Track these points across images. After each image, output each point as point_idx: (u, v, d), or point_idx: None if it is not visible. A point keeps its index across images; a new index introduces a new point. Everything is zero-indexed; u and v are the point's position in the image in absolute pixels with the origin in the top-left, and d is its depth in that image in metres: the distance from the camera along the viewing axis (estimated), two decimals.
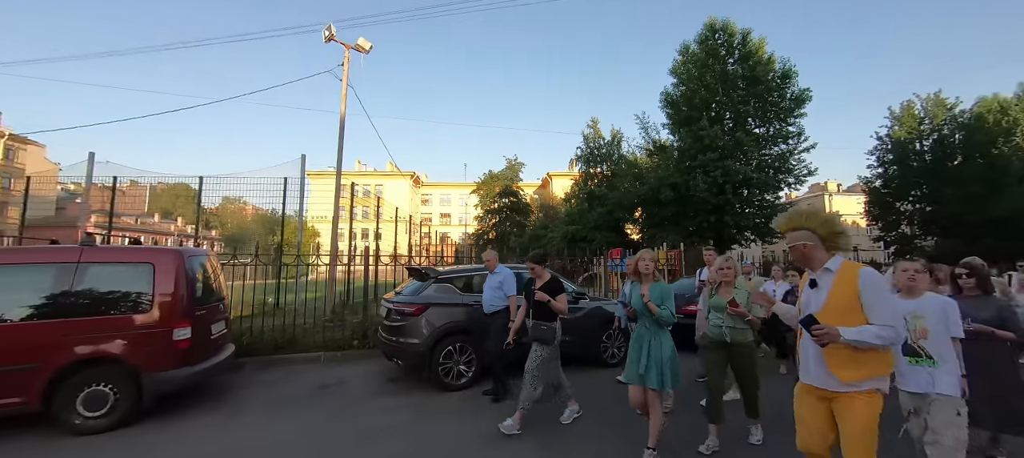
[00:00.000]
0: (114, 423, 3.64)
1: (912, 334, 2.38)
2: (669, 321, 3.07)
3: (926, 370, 2.31)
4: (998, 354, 2.74)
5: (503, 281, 4.59)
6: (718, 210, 18.25)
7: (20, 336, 3.53)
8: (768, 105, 19.26)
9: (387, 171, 47.73)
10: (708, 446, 3.15)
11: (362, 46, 10.63)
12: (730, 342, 3.31)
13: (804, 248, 2.10)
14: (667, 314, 3.04)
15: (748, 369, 3.34)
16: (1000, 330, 2.68)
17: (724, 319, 3.34)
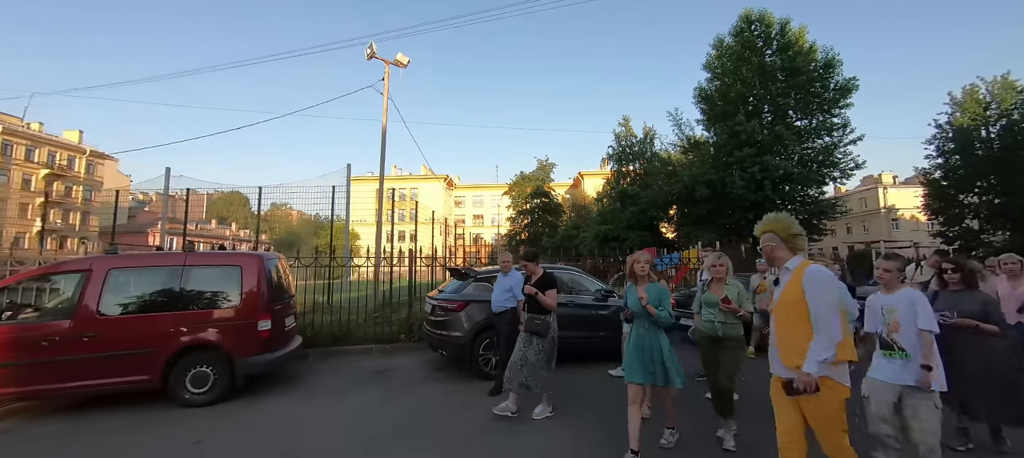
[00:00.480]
0: (214, 399, 4.37)
1: (886, 328, 2.51)
2: (667, 322, 3.14)
3: (899, 362, 2.44)
4: (993, 347, 2.80)
5: (514, 285, 4.76)
6: (756, 207, 17.67)
7: (144, 326, 4.33)
8: (810, 96, 18.42)
9: (421, 174, 49.38)
10: (725, 437, 3.31)
11: (400, 61, 11.39)
12: (721, 336, 3.44)
13: (770, 249, 2.30)
14: (665, 315, 3.11)
15: (733, 363, 3.43)
16: (984, 323, 2.76)
17: (716, 314, 3.46)
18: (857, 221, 39.15)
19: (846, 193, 39.34)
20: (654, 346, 3.13)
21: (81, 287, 4.19)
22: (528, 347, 3.99)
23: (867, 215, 38.80)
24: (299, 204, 21.86)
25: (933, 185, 21.22)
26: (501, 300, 4.80)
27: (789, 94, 18.44)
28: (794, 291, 2.15)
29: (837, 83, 18.03)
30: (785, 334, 2.19)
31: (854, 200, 38.97)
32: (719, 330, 3.45)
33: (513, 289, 4.74)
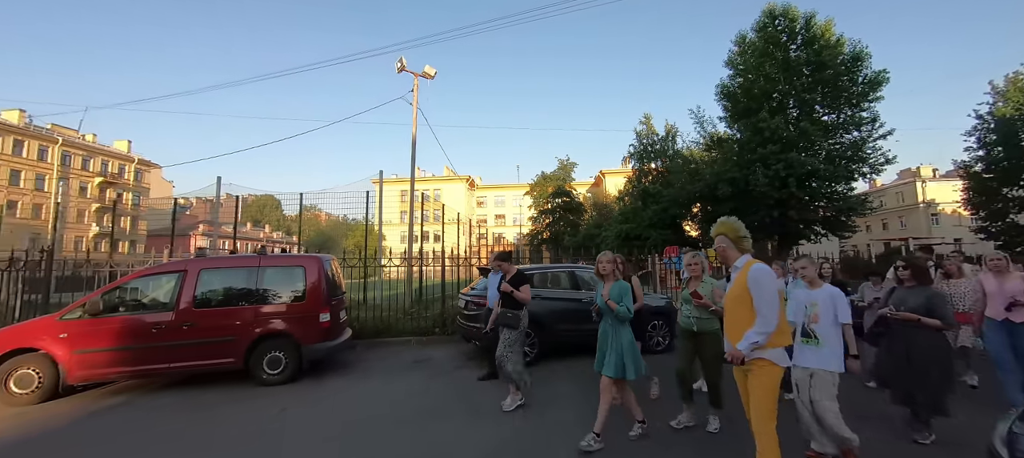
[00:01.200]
0: (285, 379, 5.16)
1: (808, 319, 2.87)
2: (626, 316, 3.32)
3: (813, 349, 2.83)
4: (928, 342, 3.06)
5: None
6: (780, 205, 17.56)
7: (229, 317, 5.17)
8: (838, 91, 18.09)
9: (444, 175, 50.53)
10: (679, 421, 3.62)
11: (428, 73, 12.15)
12: (697, 331, 3.64)
13: (722, 249, 2.62)
14: (623, 310, 3.30)
15: (713, 358, 3.54)
16: (926, 317, 3.02)
17: (692, 310, 3.67)
18: (893, 216, 37.55)
19: (881, 187, 37.75)
20: (613, 338, 3.34)
21: (180, 284, 5.05)
22: (504, 343, 4.36)
23: (904, 210, 37.15)
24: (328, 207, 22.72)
25: (974, 178, 20.43)
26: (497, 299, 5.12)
27: (815, 89, 18.19)
28: (740, 285, 2.48)
29: (866, 77, 17.68)
30: (733, 320, 2.53)
31: (890, 195, 37.40)
32: (694, 325, 3.66)
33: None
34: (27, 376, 4.53)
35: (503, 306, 4.47)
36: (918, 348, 3.13)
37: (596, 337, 3.50)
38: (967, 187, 21.23)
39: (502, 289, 4.46)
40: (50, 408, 4.49)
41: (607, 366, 3.32)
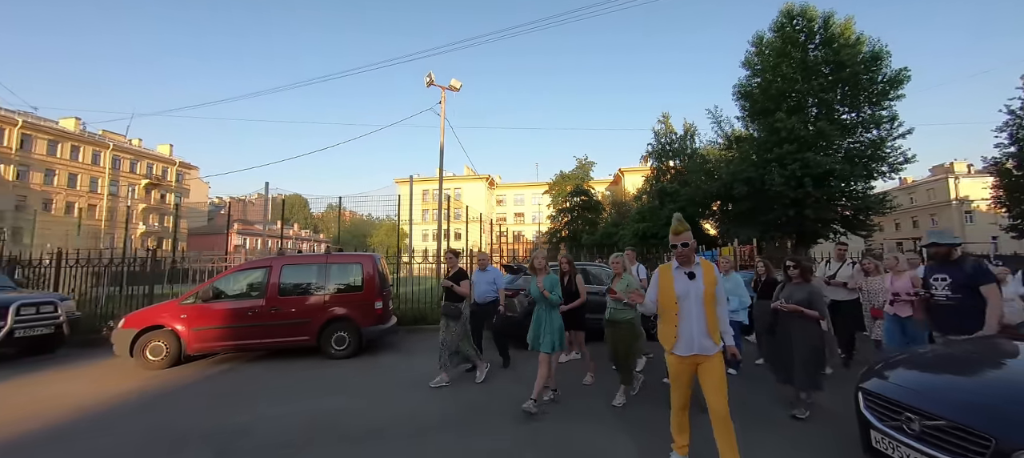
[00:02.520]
0: (349, 354, 6.39)
1: None
2: (557, 303, 4.07)
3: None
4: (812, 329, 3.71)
5: (495, 278, 5.78)
6: (796, 204, 17.93)
7: (305, 303, 6.44)
8: (858, 90, 18.27)
9: (465, 175, 51.95)
10: (620, 401, 4.18)
11: (454, 86, 13.31)
12: (612, 319, 4.28)
13: (693, 249, 2.81)
14: (555, 298, 4.05)
15: (626, 342, 4.21)
16: (807, 309, 3.69)
17: (612, 302, 4.31)
18: (924, 213, 36.49)
19: (912, 184, 36.71)
20: (549, 321, 4.05)
21: (267, 277, 6.35)
22: (446, 330, 4.88)
23: (936, 207, 36.07)
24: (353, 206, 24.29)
25: (1005, 175, 20.19)
26: (487, 292, 5.69)
27: (834, 88, 18.42)
28: (710, 281, 2.74)
29: (885, 76, 17.82)
30: (711, 318, 2.70)
31: (921, 192, 36.35)
32: (611, 315, 4.34)
33: (496, 281, 5.73)
34: (158, 347, 5.91)
35: (446, 300, 4.99)
36: (797, 335, 3.75)
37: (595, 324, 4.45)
38: (997, 184, 20.95)
39: (443, 285, 4.98)
40: (175, 371, 5.86)
41: (544, 344, 4.02)
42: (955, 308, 3.30)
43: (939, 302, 3.44)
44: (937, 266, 3.52)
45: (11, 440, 3.72)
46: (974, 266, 3.32)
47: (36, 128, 39.32)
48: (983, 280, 3.20)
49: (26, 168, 38.41)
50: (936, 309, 3.49)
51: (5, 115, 37.66)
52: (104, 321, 7.62)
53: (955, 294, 3.31)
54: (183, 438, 3.70)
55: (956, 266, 3.39)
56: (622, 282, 4.31)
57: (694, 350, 2.70)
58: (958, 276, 3.31)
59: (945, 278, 3.39)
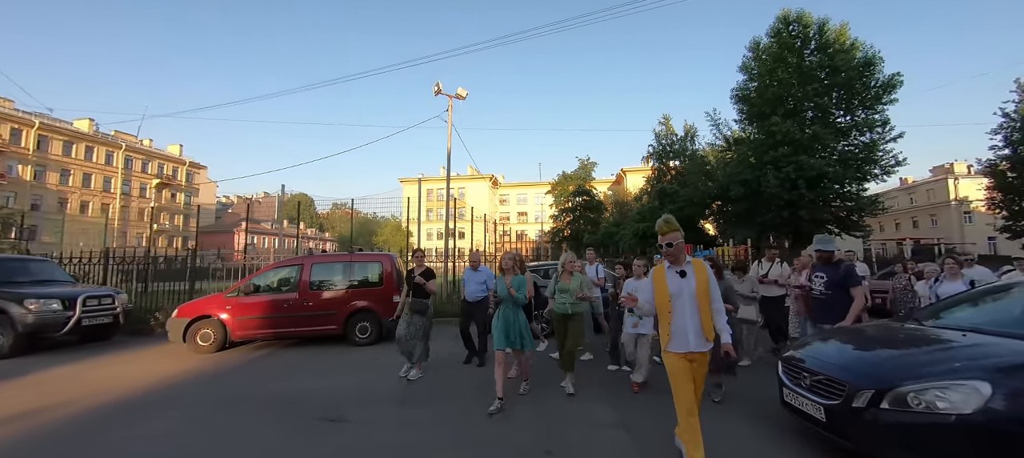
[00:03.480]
0: (371, 342, 7.30)
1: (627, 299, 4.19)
2: (522, 302, 4.33)
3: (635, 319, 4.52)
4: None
5: (486, 278, 5.82)
6: (791, 206, 18.64)
7: (334, 296, 7.36)
8: (853, 94, 18.94)
9: (468, 175, 52.84)
10: (567, 385, 4.56)
11: (460, 95, 14.17)
12: (570, 313, 4.62)
13: (679, 248, 2.84)
14: (520, 297, 4.30)
15: (576, 334, 4.65)
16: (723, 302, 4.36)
17: (568, 298, 4.65)
18: (924, 214, 36.92)
19: (912, 184, 37.11)
20: (517, 321, 4.29)
21: (300, 273, 7.27)
22: (409, 325, 5.09)
23: (936, 208, 36.50)
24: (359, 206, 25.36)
25: (999, 177, 20.77)
26: (477, 291, 5.80)
27: (829, 92, 19.10)
28: (702, 281, 2.77)
29: (878, 80, 18.48)
30: (705, 315, 2.73)
31: (921, 192, 36.74)
32: (569, 309, 4.67)
33: (486, 282, 5.75)
34: (207, 334, 6.86)
35: (414, 296, 5.18)
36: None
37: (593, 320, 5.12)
38: (991, 186, 21.53)
39: (416, 281, 5.17)
40: (222, 355, 6.80)
41: (511, 342, 4.25)
42: (826, 302, 4.10)
43: (816, 296, 4.22)
44: (820, 266, 4.31)
45: (97, 409, 4.61)
46: (846, 269, 4.10)
47: (52, 129, 40.65)
48: (851, 282, 3.99)
49: (43, 168, 39.75)
50: (813, 301, 4.30)
51: (23, 117, 39.00)
52: (149, 313, 8.59)
53: (827, 290, 4.09)
54: (245, 404, 4.62)
55: (833, 267, 4.17)
56: (575, 280, 4.74)
57: (690, 347, 2.74)
58: (833, 276, 4.09)
59: (822, 277, 4.17)
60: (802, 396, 3.09)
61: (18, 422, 4.16)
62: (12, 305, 6.60)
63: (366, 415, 4.20)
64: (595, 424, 3.84)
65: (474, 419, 4.01)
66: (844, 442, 2.80)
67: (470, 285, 5.91)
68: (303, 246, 41.36)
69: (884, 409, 2.56)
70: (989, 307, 3.50)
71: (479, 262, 6.18)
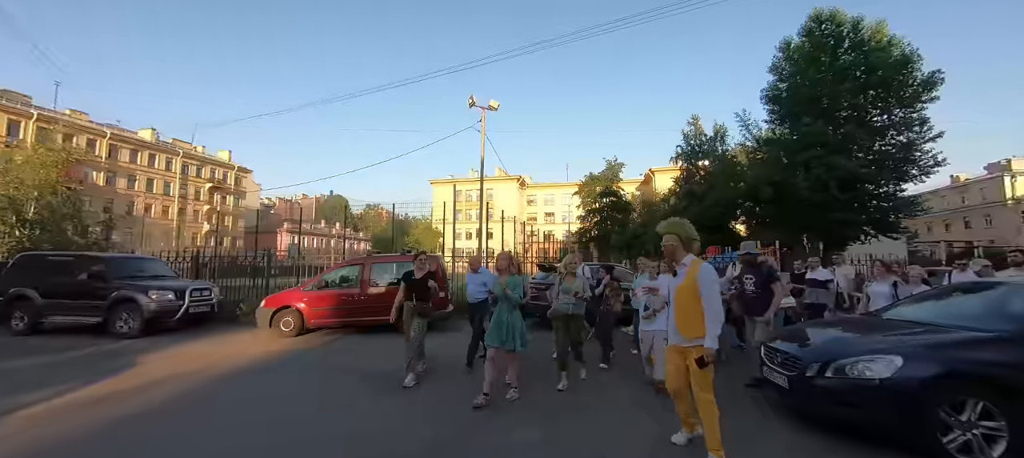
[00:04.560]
0: None
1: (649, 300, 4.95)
2: (519, 301, 4.39)
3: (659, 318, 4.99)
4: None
5: (487, 281, 5.86)
6: (821, 207, 18.61)
7: (390, 292, 8.66)
8: (891, 92, 18.67)
9: (496, 176, 54.23)
10: (563, 386, 4.82)
11: (493, 106, 15.34)
12: (572, 313, 4.95)
13: (672, 248, 3.03)
14: (516, 296, 4.35)
15: (577, 333, 5.02)
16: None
17: (569, 298, 4.94)
18: (977, 214, 34.78)
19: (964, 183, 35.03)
20: (511, 320, 4.34)
21: (361, 272, 8.62)
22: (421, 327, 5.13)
23: (990, 207, 34.31)
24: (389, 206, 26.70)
25: None
26: (478, 293, 5.91)
27: (865, 92, 18.90)
28: (691, 280, 2.92)
29: (916, 79, 18.20)
30: (684, 309, 2.93)
31: (973, 191, 34.64)
32: (570, 309, 4.96)
33: (487, 283, 5.75)
34: (288, 321, 8.32)
35: (418, 299, 5.13)
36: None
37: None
38: None
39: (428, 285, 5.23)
40: (300, 339, 8.24)
41: (508, 342, 4.33)
42: (757, 298, 4.90)
43: (748, 294, 5.02)
44: (746, 268, 5.18)
45: (234, 371, 6.07)
46: (768, 269, 4.96)
47: (121, 139, 45.19)
48: (772, 279, 4.86)
49: (113, 174, 44.27)
50: (747, 298, 5.06)
51: (97, 128, 43.62)
52: (235, 304, 10.25)
53: (756, 289, 4.94)
54: (330, 373, 5.94)
55: (758, 269, 5.01)
56: (577, 282, 5.11)
57: (673, 340, 3.03)
58: (759, 276, 4.94)
59: (751, 277, 5.01)
60: (774, 370, 3.98)
61: (184, 378, 5.69)
62: (140, 295, 8.30)
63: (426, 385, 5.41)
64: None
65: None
66: (799, 402, 3.69)
67: (471, 287, 6.09)
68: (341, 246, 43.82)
69: (828, 377, 3.44)
70: (942, 304, 4.24)
71: (479, 264, 6.34)
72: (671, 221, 3.23)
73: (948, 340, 3.35)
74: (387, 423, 4.17)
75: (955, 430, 2.98)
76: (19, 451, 3.58)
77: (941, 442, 2.96)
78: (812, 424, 3.70)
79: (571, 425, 3.98)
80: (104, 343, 7.85)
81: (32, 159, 12.52)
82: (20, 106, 38.35)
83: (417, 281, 5.30)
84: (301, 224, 16.87)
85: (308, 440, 3.78)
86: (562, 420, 4.11)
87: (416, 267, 5.47)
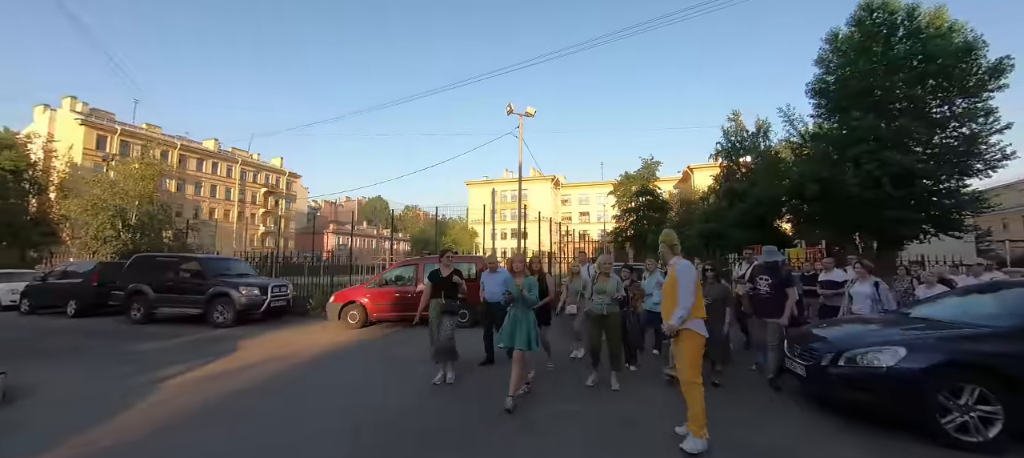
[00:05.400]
0: (469, 325, 9.43)
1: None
2: (533, 303, 4.42)
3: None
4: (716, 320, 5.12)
5: (505, 280, 5.74)
6: (873, 205, 17.89)
7: None
8: (952, 82, 17.65)
9: (530, 176, 54.99)
10: (593, 380, 5.01)
11: (530, 112, 16.12)
12: (606, 314, 4.91)
13: (665, 252, 3.75)
14: (532, 298, 4.41)
15: (616, 333, 4.95)
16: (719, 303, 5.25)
17: (604, 299, 4.90)
18: None
19: None
20: (525, 321, 4.45)
21: (416, 272, 9.64)
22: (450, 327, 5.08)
23: None
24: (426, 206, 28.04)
25: None
26: (493, 292, 5.95)
27: (923, 82, 17.98)
28: (672, 277, 3.58)
29: (981, 66, 17.15)
30: (669, 303, 3.57)
31: None
32: (605, 309, 4.93)
33: (505, 283, 5.53)
34: (354, 314, 9.48)
35: (446, 297, 5.17)
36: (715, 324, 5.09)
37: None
38: None
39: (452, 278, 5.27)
40: (365, 330, 9.38)
41: (519, 342, 4.37)
42: (771, 299, 5.08)
43: (762, 294, 5.19)
44: (763, 269, 5.34)
45: (317, 354, 7.19)
46: (786, 273, 5.20)
47: (189, 149, 49.95)
48: (789, 284, 5.08)
49: (183, 182, 49.02)
50: (759, 299, 5.24)
51: (169, 139, 48.48)
52: (305, 299, 11.64)
53: (772, 290, 5.10)
54: (396, 359, 6.91)
55: (775, 271, 5.21)
56: (611, 282, 5.06)
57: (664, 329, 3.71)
58: (776, 278, 5.14)
59: (767, 279, 5.18)
60: (794, 361, 4.47)
61: (277, 361, 6.89)
62: (232, 290, 9.76)
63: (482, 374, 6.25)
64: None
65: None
66: (816, 389, 4.18)
67: (489, 286, 6.13)
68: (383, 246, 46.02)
69: (840, 366, 3.92)
70: (957, 303, 4.53)
71: (497, 264, 6.44)
72: (665, 232, 3.96)
73: (950, 334, 3.73)
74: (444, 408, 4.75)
75: (953, 413, 3.40)
76: (180, 411, 4.70)
77: (940, 423, 3.39)
78: (827, 409, 4.16)
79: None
80: (205, 331, 9.33)
81: (134, 173, 14.70)
82: (106, 123, 43.36)
83: (444, 279, 5.31)
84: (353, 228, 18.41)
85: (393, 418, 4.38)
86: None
87: (442, 265, 5.47)
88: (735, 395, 4.85)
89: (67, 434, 3.90)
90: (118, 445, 3.75)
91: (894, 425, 3.67)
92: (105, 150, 42.02)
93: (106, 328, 9.83)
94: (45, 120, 41.07)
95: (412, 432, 3.97)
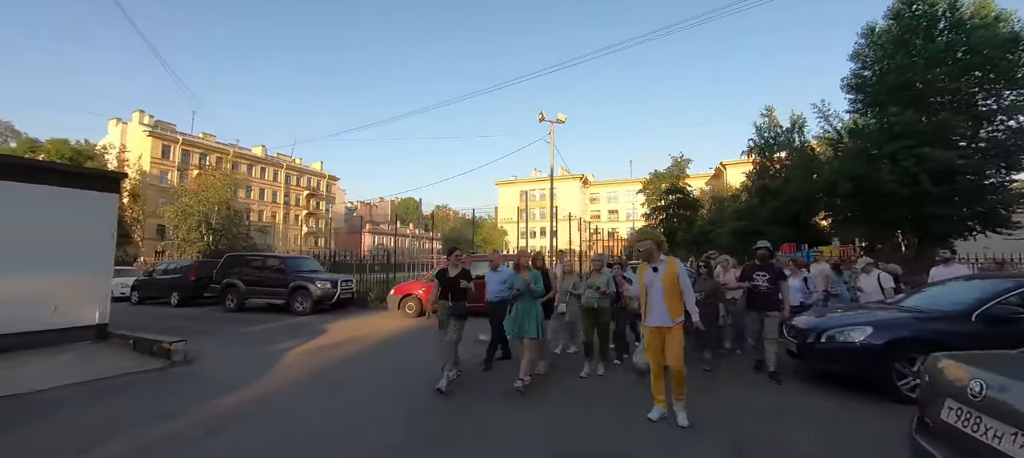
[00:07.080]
0: None
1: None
2: (540, 294, 4.75)
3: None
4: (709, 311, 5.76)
5: (507, 277, 5.79)
6: (912, 202, 17.76)
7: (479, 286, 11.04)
8: (999, 73, 17.29)
9: (559, 175, 55.80)
10: (586, 373, 5.29)
11: (561, 119, 17.28)
12: (597, 308, 5.28)
13: (649, 250, 3.94)
14: (539, 290, 4.78)
15: (605, 326, 5.35)
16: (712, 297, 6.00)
17: (594, 294, 5.27)
18: None
19: None
20: (528, 311, 4.79)
21: None
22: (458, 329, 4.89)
23: None
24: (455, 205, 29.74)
25: None
26: (500, 291, 5.85)
27: (967, 74, 17.70)
28: (671, 275, 3.81)
29: None
30: (671, 300, 3.76)
31: None
32: (595, 303, 5.31)
33: (507, 280, 5.72)
34: (412, 305, 11.04)
35: (454, 300, 4.92)
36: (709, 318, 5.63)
37: None
38: None
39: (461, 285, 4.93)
40: (420, 320, 10.88)
41: (528, 331, 4.73)
42: (769, 294, 5.43)
43: (760, 289, 5.48)
44: (759, 265, 5.68)
45: (385, 337, 8.72)
46: (780, 268, 5.77)
47: (240, 156, 54.23)
48: (783, 277, 5.56)
49: (236, 186, 53.36)
50: (757, 294, 5.50)
51: (222, 147, 52.86)
52: (365, 293, 13.38)
53: (769, 285, 5.45)
54: None
55: (771, 267, 5.65)
56: (602, 278, 5.48)
57: (656, 322, 3.81)
58: (772, 273, 5.54)
59: (764, 274, 5.52)
60: (789, 341, 5.50)
61: (359, 341, 8.52)
62: (310, 284, 11.58)
63: None
64: None
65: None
66: (805, 362, 5.22)
67: (491, 285, 6.05)
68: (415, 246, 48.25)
69: (822, 342, 4.95)
70: (934, 293, 5.40)
71: (499, 263, 6.46)
72: (647, 230, 5.15)
73: (908, 317, 4.73)
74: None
75: (907, 377, 4.40)
76: (308, 368, 6.30)
77: (896, 385, 4.39)
78: (817, 379, 5.19)
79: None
80: (288, 318, 11.16)
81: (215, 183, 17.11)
82: (170, 134, 47.89)
83: (450, 280, 5.01)
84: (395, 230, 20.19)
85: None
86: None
87: (450, 265, 5.18)
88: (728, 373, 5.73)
89: (242, 383, 5.55)
90: (282, 387, 5.42)
91: (863, 387, 4.68)
92: (170, 158, 46.59)
93: (208, 315, 11.89)
94: (118, 132, 45.99)
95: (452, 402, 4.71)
